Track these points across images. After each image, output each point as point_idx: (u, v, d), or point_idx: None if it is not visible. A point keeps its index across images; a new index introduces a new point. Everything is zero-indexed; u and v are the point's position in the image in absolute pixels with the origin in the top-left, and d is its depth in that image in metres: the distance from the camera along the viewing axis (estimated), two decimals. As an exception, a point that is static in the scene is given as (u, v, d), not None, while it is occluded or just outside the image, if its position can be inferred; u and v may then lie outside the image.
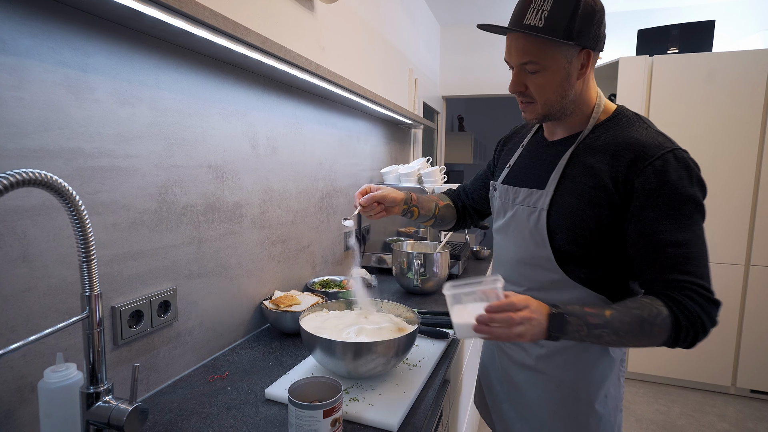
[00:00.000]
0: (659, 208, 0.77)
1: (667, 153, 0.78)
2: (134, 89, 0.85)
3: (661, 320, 0.75)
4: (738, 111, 2.51)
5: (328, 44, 1.69)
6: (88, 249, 0.60)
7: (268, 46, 0.99)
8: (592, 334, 0.77)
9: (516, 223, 0.96)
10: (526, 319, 0.74)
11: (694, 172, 0.78)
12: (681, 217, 0.77)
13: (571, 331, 0.76)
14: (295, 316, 1.18)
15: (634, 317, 0.76)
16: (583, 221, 0.84)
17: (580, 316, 0.77)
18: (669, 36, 2.75)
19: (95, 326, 0.62)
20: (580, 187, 0.85)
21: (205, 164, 1.05)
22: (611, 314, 0.77)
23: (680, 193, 0.77)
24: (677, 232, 0.77)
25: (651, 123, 0.88)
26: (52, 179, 0.54)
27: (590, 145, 0.87)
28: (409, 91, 2.89)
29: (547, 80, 0.84)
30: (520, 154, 1.04)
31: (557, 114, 0.88)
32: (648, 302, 0.77)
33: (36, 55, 0.68)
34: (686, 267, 0.77)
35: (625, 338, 0.77)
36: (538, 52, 0.82)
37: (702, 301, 0.76)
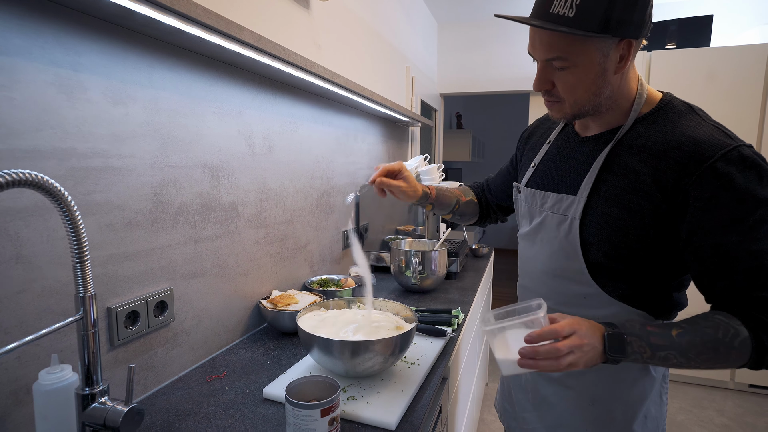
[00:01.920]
0: (725, 217, 0.66)
1: (730, 151, 0.66)
2: (127, 88, 0.85)
3: (739, 342, 0.66)
4: (736, 106, 2.51)
5: (325, 42, 1.68)
6: (82, 250, 0.59)
7: (262, 44, 0.98)
8: (657, 356, 0.68)
9: (544, 231, 0.85)
10: (576, 346, 0.66)
11: (763, 169, 0.66)
12: (753, 224, 0.65)
13: (633, 353, 0.68)
14: (292, 315, 1.18)
15: (708, 339, 0.67)
16: (622, 232, 0.73)
17: (641, 336, 0.69)
18: (667, 31, 2.75)
19: (90, 327, 0.62)
20: (619, 193, 0.74)
21: (201, 164, 1.04)
22: (679, 333, 0.68)
23: (750, 197, 0.65)
24: (751, 242, 0.66)
25: (706, 114, 0.75)
26: (43, 180, 0.53)
27: (631, 143, 0.75)
28: (407, 89, 2.88)
29: (577, 78, 0.72)
30: (548, 152, 0.92)
31: (589, 112, 0.77)
32: (723, 321, 0.68)
33: (27, 54, 0.67)
34: (765, 281, 0.66)
35: (696, 361, 0.68)
36: (567, 47, 0.69)
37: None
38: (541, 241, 0.87)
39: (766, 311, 0.67)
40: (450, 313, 1.34)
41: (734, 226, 0.66)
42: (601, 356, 0.68)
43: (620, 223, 0.74)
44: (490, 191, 1.19)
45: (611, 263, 0.76)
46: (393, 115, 2.15)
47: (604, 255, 0.76)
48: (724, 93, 2.52)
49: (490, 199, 1.19)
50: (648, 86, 0.80)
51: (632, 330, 0.69)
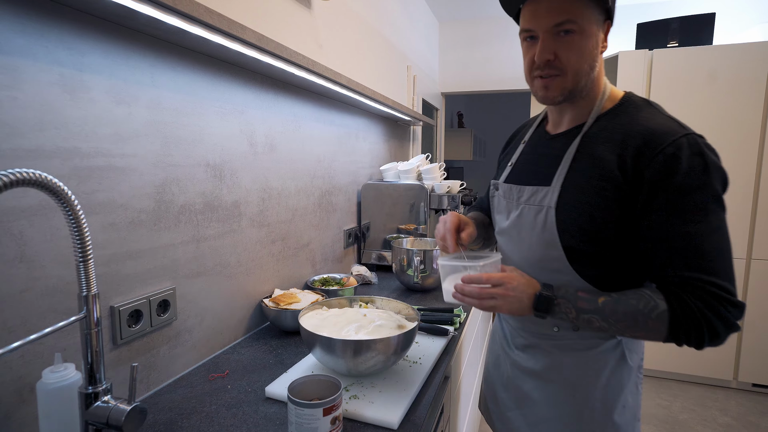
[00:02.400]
0: (669, 200, 0.72)
1: (680, 138, 0.72)
2: (130, 88, 0.85)
3: (656, 315, 0.72)
4: (739, 104, 2.50)
5: (326, 42, 1.68)
6: (85, 249, 0.60)
7: (264, 44, 0.98)
8: (581, 318, 0.76)
9: (523, 223, 0.89)
10: (499, 295, 0.78)
11: (709, 159, 0.71)
12: (692, 207, 0.71)
13: (559, 312, 0.77)
14: (294, 314, 1.18)
15: (629, 308, 0.74)
16: (594, 217, 0.78)
17: (570, 299, 0.77)
18: (669, 29, 2.74)
19: (93, 326, 0.62)
20: (589, 181, 0.79)
21: (203, 163, 1.05)
22: (604, 301, 0.76)
23: (692, 181, 0.70)
24: (687, 224, 0.71)
25: (661, 108, 0.82)
26: (47, 179, 0.53)
27: (596, 135, 0.81)
28: (408, 88, 2.88)
29: (581, 46, 0.77)
30: (522, 151, 0.98)
31: (582, 91, 0.82)
32: (647, 294, 0.74)
33: (30, 54, 0.68)
34: (695, 262, 0.71)
35: (616, 327, 0.75)
36: (576, 10, 0.75)
37: (710, 300, 0.70)
38: (520, 233, 0.91)
39: (689, 289, 0.71)
40: (452, 312, 1.34)
41: (673, 209, 0.71)
42: (529, 310, 0.78)
43: (592, 208, 0.78)
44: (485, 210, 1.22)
45: (586, 247, 0.80)
46: (394, 114, 2.14)
47: (579, 240, 0.81)
48: (726, 91, 2.51)
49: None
50: (611, 85, 0.87)
51: (564, 293, 0.78)
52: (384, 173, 2.12)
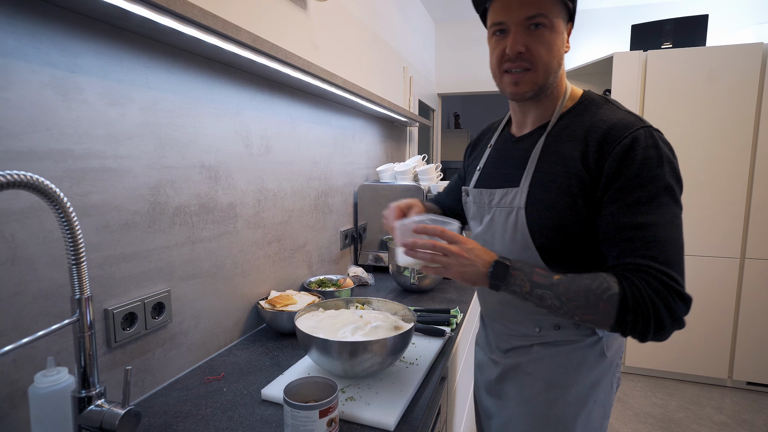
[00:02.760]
0: (623, 190, 0.73)
1: (636, 131, 0.74)
2: (124, 89, 0.84)
3: (608, 296, 0.71)
4: (732, 105, 2.52)
5: (322, 43, 1.68)
6: (78, 251, 0.59)
7: (259, 45, 0.98)
8: (534, 293, 0.75)
9: (495, 227, 0.90)
10: (454, 254, 0.77)
11: (663, 152, 0.73)
12: (646, 198, 0.71)
13: (513, 284, 0.76)
14: (291, 316, 1.17)
15: (582, 287, 0.73)
16: (563, 215, 0.79)
17: (526, 273, 0.76)
18: (662, 31, 2.75)
19: (86, 329, 0.62)
20: (555, 179, 0.80)
21: (198, 164, 1.04)
22: (559, 279, 0.75)
23: (646, 172, 0.71)
24: (640, 215, 0.71)
25: (619, 104, 0.83)
26: (38, 181, 0.53)
27: (560, 133, 0.83)
28: (404, 89, 2.88)
29: (552, 40, 0.79)
30: (489, 155, 0.99)
31: (548, 88, 0.83)
32: (602, 276, 0.73)
33: (21, 55, 0.67)
34: (648, 251, 0.71)
35: (567, 306, 0.74)
36: (547, 4, 0.77)
37: (660, 288, 0.69)
38: (493, 236, 0.91)
39: (640, 275, 0.71)
40: (448, 313, 1.33)
41: (630, 198, 0.72)
42: (483, 278, 0.77)
43: (559, 206, 0.79)
44: (444, 207, 1.25)
45: (559, 246, 0.81)
46: (391, 115, 2.14)
47: (550, 239, 0.81)
48: (720, 91, 2.53)
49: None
50: (571, 85, 0.89)
51: (521, 266, 0.77)
52: (380, 174, 2.12)
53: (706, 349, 2.69)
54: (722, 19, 3.09)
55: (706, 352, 2.69)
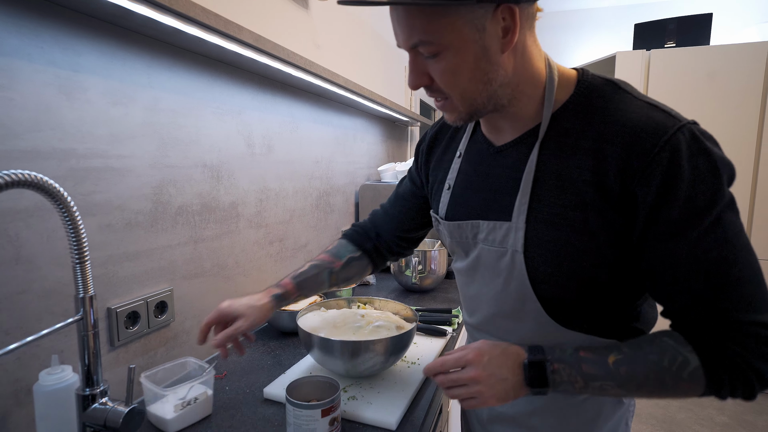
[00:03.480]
0: (676, 224, 0.54)
1: (673, 136, 0.54)
2: (127, 89, 0.85)
3: (689, 373, 0.56)
4: (736, 104, 2.51)
5: (324, 42, 1.68)
6: (81, 250, 0.59)
7: (261, 44, 0.98)
8: (591, 386, 0.59)
9: (483, 268, 0.71)
10: (471, 380, 0.61)
11: (714, 155, 0.54)
12: (709, 228, 0.54)
13: (561, 383, 0.59)
14: (292, 315, 1.18)
15: (651, 368, 0.57)
16: (576, 258, 0.60)
17: (571, 363, 0.59)
18: (666, 30, 2.75)
19: (90, 328, 0.62)
20: (560, 212, 0.60)
21: (200, 164, 1.04)
22: (617, 361, 0.58)
23: (703, 194, 0.53)
24: (706, 251, 0.54)
25: (634, 90, 0.60)
26: (43, 180, 0.53)
27: (558, 143, 0.61)
28: (406, 89, 2.88)
29: (453, 65, 0.57)
30: (461, 170, 0.75)
31: (488, 107, 0.62)
32: (671, 345, 0.57)
33: (25, 55, 0.67)
34: (726, 297, 0.54)
35: (639, 393, 0.59)
36: (428, 25, 0.55)
37: (753, 344, 0.53)
38: (483, 278, 0.72)
39: (726, 334, 0.55)
40: (450, 313, 1.34)
41: (684, 234, 0.55)
42: (523, 388, 0.61)
43: (570, 247, 0.60)
44: (384, 229, 0.96)
45: (571, 296, 0.63)
46: (392, 114, 2.14)
47: (558, 288, 0.63)
48: (723, 91, 2.52)
49: (384, 240, 0.96)
50: (558, 65, 0.64)
51: (561, 356, 0.60)
52: (382, 174, 2.12)
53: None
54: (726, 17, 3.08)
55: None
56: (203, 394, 0.81)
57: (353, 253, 0.95)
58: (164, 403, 0.77)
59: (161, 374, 0.83)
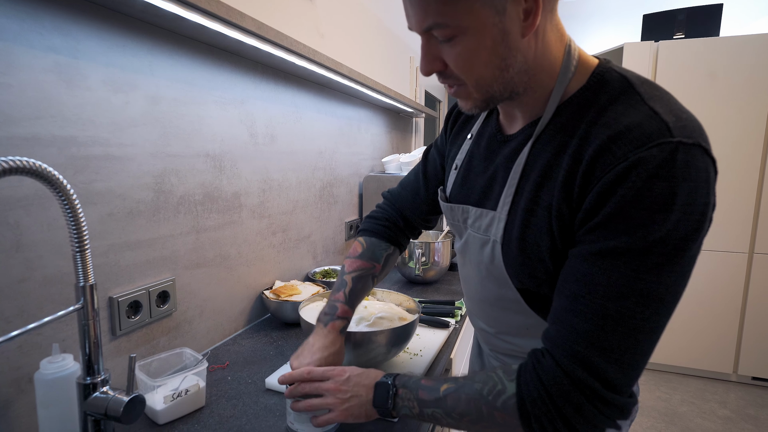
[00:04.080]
0: (592, 231, 0.50)
1: (652, 149, 0.46)
2: (128, 76, 0.84)
3: (502, 402, 0.54)
4: (745, 97, 2.47)
5: (328, 31, 1.66)
6: (81, 239, 0.59)
7: (264, 32, 0.96)
8: (425, 413, 0.60)
9: (470, 253, 0.71)
10: (330, 391, 0.66)
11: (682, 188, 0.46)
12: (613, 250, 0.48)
13: (403, 406, 0.62)
14: (295, 306, 1.18)
15: (473, 395, 0.56)
16: (540, 257, 0.58)
17: (412, 388, 0.62)
18: (675, 21, 2.70)
19: (91, 317, 0.62)
20: (533, 208, 0.58)
21: (203, 153, 1.03)
22: (447, 389, 0.59)
23: (634, 214, 0.47)
24: (592, 268, 0.50)
25: (652, 92, 0.53)
26: (42, 167, 0.53)
27: (552, 139, 0.58)
28: (411, 80, 2.85)
29: (470, 49, 0.53)
30: (469, 151, 0.74)
31: (504, 95, 0.59)
32: (498, 375, 0.56)
33: (24, 40, 0.66)
34: (575, 324, 0.50)
35: (461, 423, 0.58)
36: (443, 6, 0.51)
37: (576, 389, 0.49)
38: (470, 263, 0.72)
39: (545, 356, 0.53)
40: (453, 305, 1.33)
41: (590, 246, 0.50)
42: (369, 407, 0.64)
43: (538, 248, 0.58)
44: (409, 208, 0.93)
45: (545, 291, 0.61)
46: (397, 105, 2.12)
47: (533, 282, 0.61)
48: (732, 84, 2.48)
49: (409, 222, 0.94)
50: (582, 52, 0.59)
51: (406, 382, 0.63)
52: (386, 165, 2.10)
53: (711, 343, 2.68)
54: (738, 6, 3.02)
55: (711, 347, 2.68)
56: (195, 386, 0.80)
57: (387, 250, 0.92)
58: (155, 393, 0.77)
59: (156, 364, 0.83)
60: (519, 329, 0.68)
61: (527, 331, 0.67)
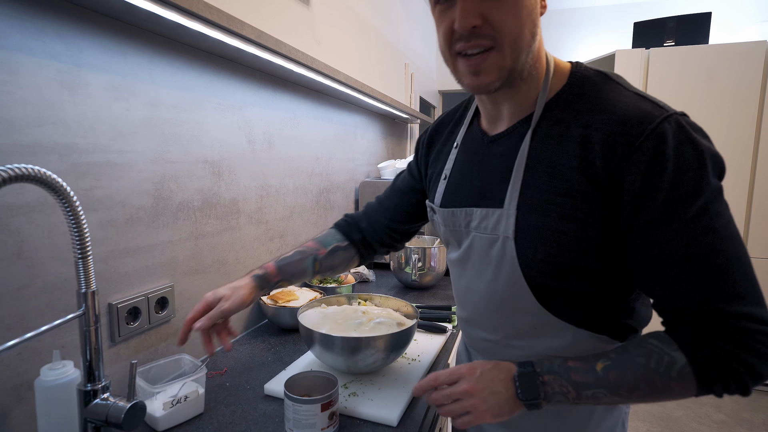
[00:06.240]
0: (661, 211, 0.54)
1: (660, 125, 0.54)
2: (128, 84, 0.84)
3: (677, 372, 0.55)
4: (734, 103, 2.51)
5: (324, 39, 1.68)
6: (84, 245, 0.59)
7: (263, 40, 0.98)
8: (584, 395, 0.59)
9: (476, 256, 0.71)
10: (466, 393, 0.61)
11: (701, 145, 0.54)
12: (693, 217, 0.53)
13: (554, 394, 0.60)
14: (293, 312, 1.18)
15: (639, 371, 0.57)
16: (565, 245, 0.60)
17: (561, 373, 0.60)
18: (665, 28, 2.75)
19: (92, 323, 0.62)
20: (549, 198, 0.61)
21: (201, 159, 1.04)
22: (605, 367, 0.58)
23: (689, 182, 0.53)
24: (692, 242, 0.54)
25: (625, 81, 0.62)
26: (46, 175, 0.53)
27: (549, 132, 0.62)
28: (406, 86, 2.87)
29: (516, 3, 0.57)
30: (457, 159, 0.77)
31: (523, 71, 0.62)
32: (656, 346, 0.57)
33: (27, 49, 0.67)
34: (714, 289, 0.54)
35: (631, 397, 0.58)
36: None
37: (742, 338, 0.53)
38: (474, 268, 0.72)
39: (708, 328, 0.55)
40: (450, 310, 1.34)
41: (669, 224, 0.54)
42: (517, 402, 0.60)
43: (558, 234, 0.60)
44: (377, 220, 0.97)
45: (562, 284, 0.63)
46: (392, 111, 2.14)
47: (548, 276, 0.63)
48: (722, 90, 2.53)
49: (375, 231, 0.97)
50: (554, 57, 0.66)
51: (550, 367, 0.61)
52: (381, 171, 2.12)
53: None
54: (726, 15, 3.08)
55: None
56: (194, 392, 0.80)
57: (340, 243, 0.96)
58: (155, 400, 0.77)
59: (155, 371, 0.83)
60: (526, 329, 0.69)
61: (535, 331, 0.68)
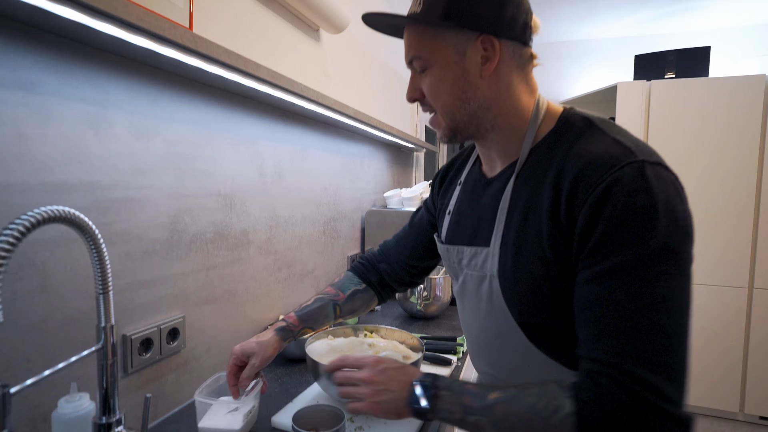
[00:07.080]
0: (596, 252, 0.54)
1: (620, 169, 0.53)
2: (150, 123, 0.89)
3: (560, 419, 0.53)
4: (736, 135, 2.55)
5: (333, 73, 1.74)
6: (106, 280, 0.62)
7: (277, 80, 1.03)
8: (467, 420, 0.58)
9: (470, 292, 0.74)
10: (363, 381, 0.65)
11: (658, 197, 0.52)
12: (625, 265, 0.52)
13: (442, 410, 0.60)
14: (300, 343, 1.19)
15: (525, 408, 0.55)
16: (541, 286, 0.61)
17: (456, 392, 0.60)
18: (665, 61, 2.82)
19: (110, 357, 0.64)
20: (525, 238, 0.63)
21: (215, 193, 1.08)
22: (498, 398, 0.57)
23: (628, 228, 0.52)
24: (615, 290, 0.52)
25: (610, 127, 0.61)
26: (75, 215, 0.56)
27: (530, 175, 0.65)
28: (411, 115, 2.94)
29: (437, 79, 0.66)
30: (459, 197, 0.81)
31: (468, 127, 0.68)
32: (553, 389, 0.55)
33: (60, 93, 0.72)
34: (621, 344, 0.51)
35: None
36: (419, 43, 0.66)
37: (629, 401, 0.49)
38: (469, 304, 0.75)
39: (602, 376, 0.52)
40: (455, 341, 1.34)
41: (599, 266, 0.54)
42: (403, 405, 0.62)
43: (532, 276, 0.61)
44: (395, 258, 1.00)
45: (544, 322, 0.63)
46: (398, 141, 2.19)
47: (533, 314, 0.63)
48: (723, 122, 2.57)
49: (393, 270, 1.00)
50: (549, 103, 0.69)
51: (449, 384, 0.62)
52: (387, 200, 2.15)
53: (716, 381, 2.65)
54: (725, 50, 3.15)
55: (716, 385, 2.65)
56: (254, 406, 0.88)
57: (357, 286, 1.00)
58: (236, 413, 0.83)
59: (206, 392, 0.87)
60: (521, 368, 0.69)
61: (529, 369, 0.68)
